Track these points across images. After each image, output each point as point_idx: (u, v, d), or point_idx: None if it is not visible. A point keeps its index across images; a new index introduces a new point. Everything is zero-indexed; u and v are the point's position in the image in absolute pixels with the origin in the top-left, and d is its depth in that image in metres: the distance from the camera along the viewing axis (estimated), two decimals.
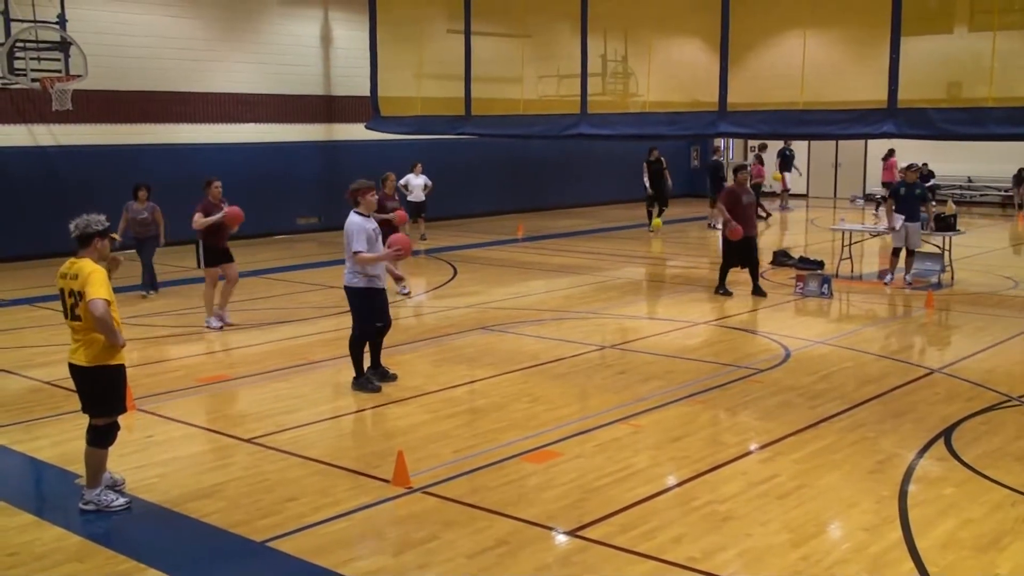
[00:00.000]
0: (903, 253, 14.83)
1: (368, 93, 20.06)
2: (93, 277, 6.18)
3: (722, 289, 14.28)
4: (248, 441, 7.87)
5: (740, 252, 14.16)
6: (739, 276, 14.44)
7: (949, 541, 5.87)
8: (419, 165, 20.73)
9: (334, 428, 8.40)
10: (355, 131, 21.93)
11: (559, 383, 9.50)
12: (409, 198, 20.39)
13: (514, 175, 26.24)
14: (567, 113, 17.04)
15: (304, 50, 22.59)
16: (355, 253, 9.05)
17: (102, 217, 6.48)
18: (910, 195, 14.70)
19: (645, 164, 23.17)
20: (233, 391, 9.50)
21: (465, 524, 6.19)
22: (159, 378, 9.85)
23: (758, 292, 14.13)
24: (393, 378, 9.62)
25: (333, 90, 23.15)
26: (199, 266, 12.57)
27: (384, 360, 9.82)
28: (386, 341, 9.79)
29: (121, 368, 6.46)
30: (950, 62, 13.80)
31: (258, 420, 8.44)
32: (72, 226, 6.38)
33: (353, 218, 9.21)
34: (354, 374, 9.43)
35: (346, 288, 9.35)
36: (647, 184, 23.27)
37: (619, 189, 29.95)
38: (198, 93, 20.71)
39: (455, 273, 16.60)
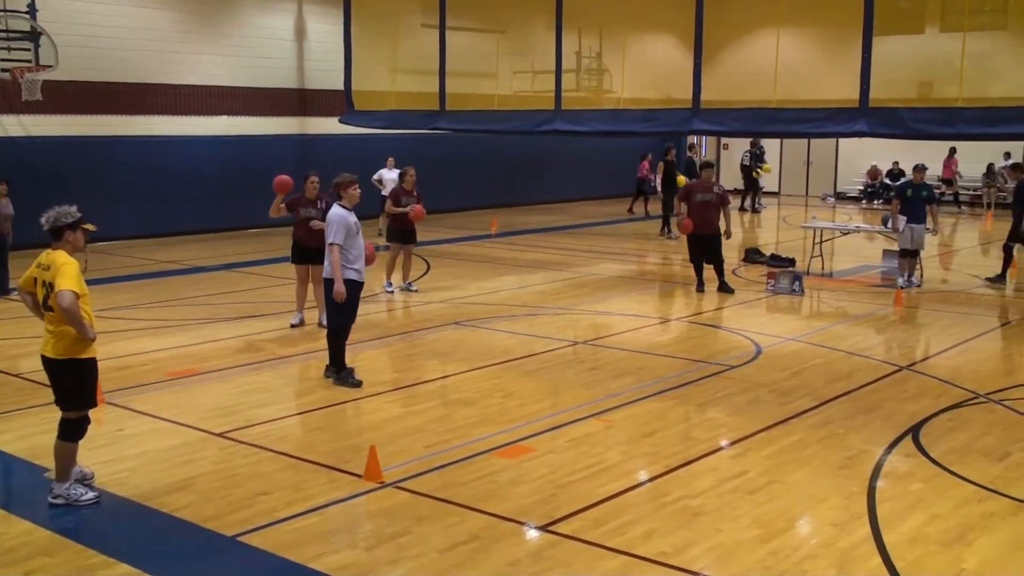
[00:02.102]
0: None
1: (342, 87, 19.98)
2: (64, 269, 6.14)
3: (699, 286, 14.34)
4: (219, 435, 7.83)
5: (700, 248, 14.21)
6: (709, 273, 14.49)
7: (916, 536, 5.94)
8: (392, 159, 20.69)
9: (305, 422, 8.38)
10: (329, 125, 21.82)
11: (532, 379, 9.52)
12: (383, 192, 20.38)
13: (488, 170, 26.22)
14: (541, 109, 17.05)
15: (278, 43, 22.46)
16: (329, 245, 9.00)
17: (73, 209, 6.42)
18: (916, 196, 14.66)
19: (661, 163, 22.52)
20: (203, 385, 9.44)
21: (437, 519, 6.19)
22: (129, 372, 9.78)
23: (724, 288, 14.19)
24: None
25: (307, 83, 23.03)
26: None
27: (358, 355, 9.79)
28: (360, 335, 9.76)
29: (92, 362, 6.41)
30: (921, 62, 13.92)
31: (229, 414, 8.40)
32: (43, 219, 6.33)
33: (336, 210, 9.12)
34: (334, 367, 9.38)
35: (328, 280, 9.21)
36: (658, 187, 22.71)
37: (593, 185, 30.01)
38: (170, 85, 20.54)
39: (428, 268, 16.59)
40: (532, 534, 6.03)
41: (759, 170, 26.57)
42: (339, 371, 9.36)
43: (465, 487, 6.74)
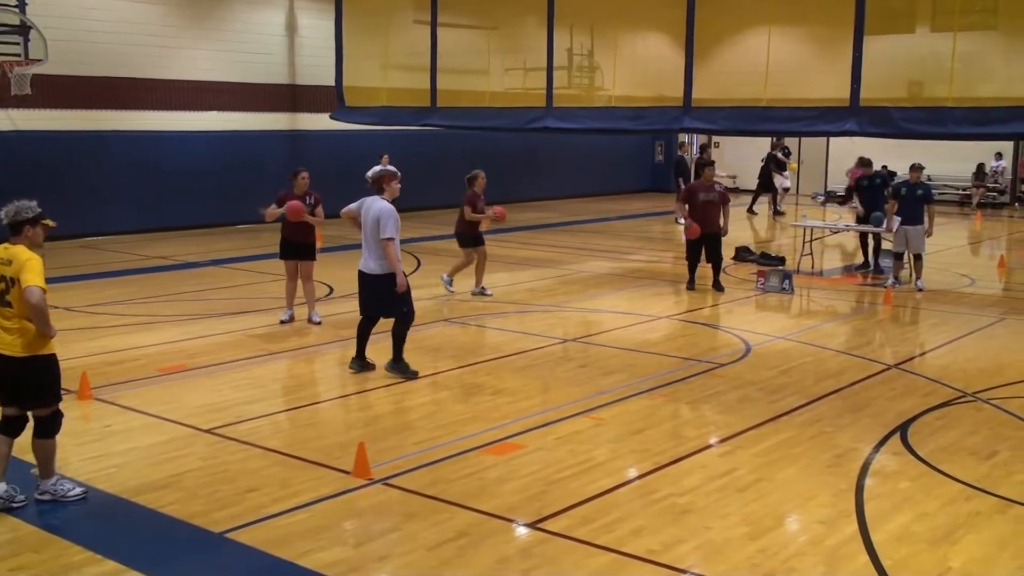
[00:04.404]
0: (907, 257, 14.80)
1: (333, 83, 19.94)
2: (30, 264, 6.03)
3: (691, 284, 14.36)
4: (207, 431, 7.82)
5: (700, 247, 14.24)
6: (701, 271, 14.51)
7: (903, 534, 5.95)
8: (386, 156, 20.63)
9: (294, 419, 8.36)
10: (320, 121, 21.78)
11: (521, 376, 9.51)
12: None
13: (480, 167, 26.14)
14: (533, 106, 17.04)
15: (269, 38, 22.40)
16: (388, 240, 8.99)
17: (33, 203, 6.25)
18: (911, 196, 14.46)
19: (695, 164, 22.11)
20: (193, 381, 9.42)
21: (426, 516, 6.19)
22: (118, 368, 9.75)
23: (717, 287, 14.21)
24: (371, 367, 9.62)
25: (298, 79, 22.97)
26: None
27: (349, 352, 9.79)
28: (346, 332, 9.74)
29: (54, 357, 6.31)
30: (912, 62, 13.95)
31: (218, 410, 8.38)
32: (2, 213, 6.23)
33: (384, 204, 9.14)
34: (396, 359, 9.42)
35: (380, 277, 9.13)
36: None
37: (585, 183, 30.02)
38: (161, 80, 20.47)
39: (419, 264, 16.58)
40: (521, 531, 6.03)
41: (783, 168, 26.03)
42: (398, 362, 9.37)
43: (454, 484, 6.73)
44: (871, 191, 15.95)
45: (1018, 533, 6.02)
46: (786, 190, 26.57)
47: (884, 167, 27.37)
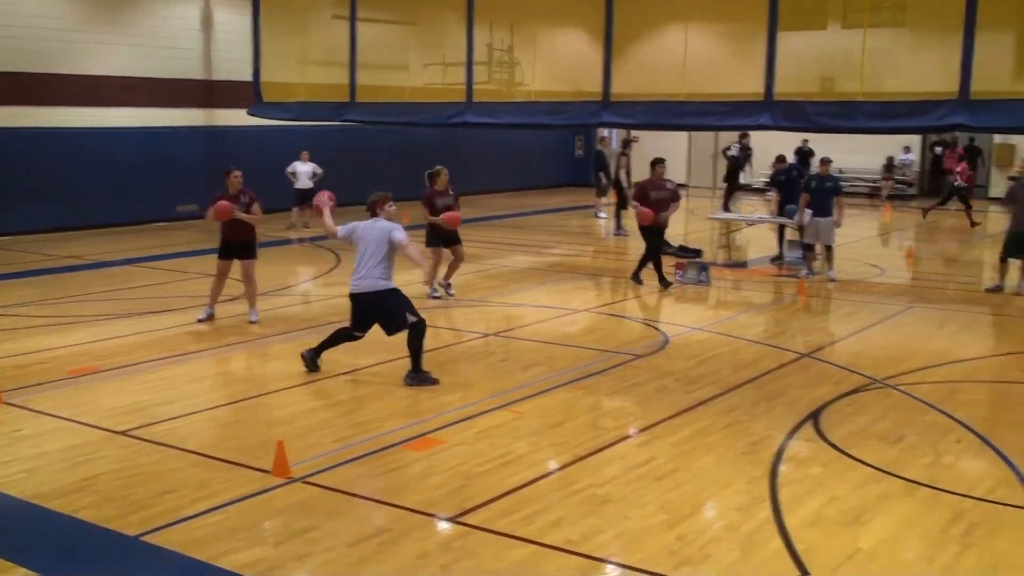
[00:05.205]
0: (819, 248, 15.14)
1: (250, 78, 19.67)
2: None
3: (636, 278, 14.44)
4: (121, 433, 7.67)
5: (663, 235, 14.21)
6: (619, 264, 14.67)
7: (815, 518, 6.11)
8: (306, 153, 20.54)
9: (212, 419, 8.25)
10: (238, 117, 21.41)
11: (442, 371, 9.50)
12: (296, 185, 20.27)
13: (402, 163, 26.01)
14: (453, 102, 16.99)
15: (184, 33, 21.95)
16: (405, 244, 8.92)
17: None
18: (821, 189, 14.91)
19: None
20: (107, 383, 9.22)
21: (346, 513, 6.17)
22: (28, 370, 9.51)
23: (663, 282, 14.23)
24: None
25: (214, 74, 22.58)
26: None
27: (269, 348, 9.68)
28: (267, 330, 9.63)
29: None
30: (823, 57, 14.23)
31: (131, 412, 8.22)
32: None
33: (386, 222, 9.07)
34: (412, 368, 9.17)
35: (380, 293, 8.99)
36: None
37: (506, 178, 30.11)
38: (72, 75, 19.92)
39: (339, 261, 16.45)
40: (442, 526, 6.04)
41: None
42: (418, 372, 9.15)
43: (375, 480, 6.73)
44: (788, 185, 16.31)
45: (924, 513, 6.23)
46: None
47: (805, 141, 27.82)
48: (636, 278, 14.39)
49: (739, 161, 24.58)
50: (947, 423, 8.06)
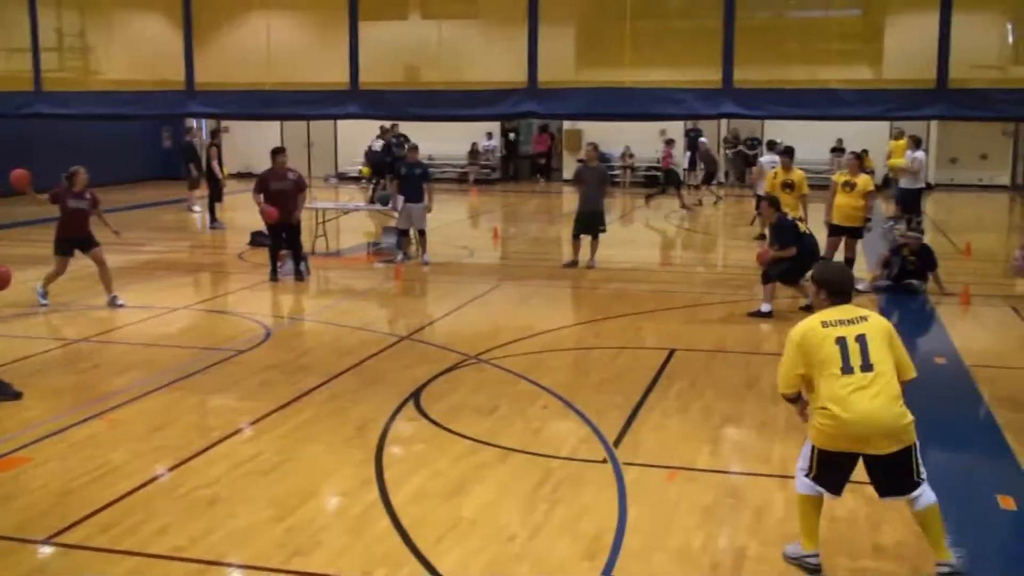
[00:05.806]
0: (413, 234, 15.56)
1: None
2: None
3: (274, 275, 14.03)
4: None
5: (282, 235, 13.96)
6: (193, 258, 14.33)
7: (419, 493, 6.40)
8: None
9: None
10: None
11: (23, 385, 8.69)
12: None
13: None
14: (21, 91, 15.65)
15: None
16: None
17: None
18: (410, 175, 15.37)
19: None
20: None
21: None
22: None
23: (298, 276, 14.01)
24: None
25: None
26: None
27: None
28: None
29: None
30: (405, 47, 14.72)
31: None
32: None
33: None
34: None
35: None
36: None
37: (88, 172, 28.10)
38: None
39: None
40: (35, 549, 5.63)
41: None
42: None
43: None
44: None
45: (517, 478, 6.73)
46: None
47: (394, 125, 28.47)
48: (298, 275, 13.98)
49: (192, 150, 23.43)
50: (535, 391, 8.74)
